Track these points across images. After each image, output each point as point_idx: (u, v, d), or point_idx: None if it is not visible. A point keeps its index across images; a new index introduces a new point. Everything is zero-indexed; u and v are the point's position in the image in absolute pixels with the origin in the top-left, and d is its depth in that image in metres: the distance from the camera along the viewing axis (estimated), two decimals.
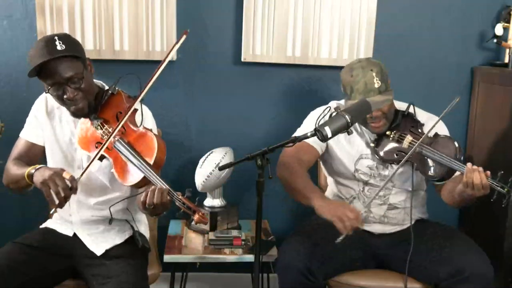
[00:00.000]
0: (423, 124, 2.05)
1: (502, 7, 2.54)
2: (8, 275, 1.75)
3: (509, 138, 2.33)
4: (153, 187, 1.62)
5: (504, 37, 2.50)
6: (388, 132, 2.04)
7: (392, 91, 1.98)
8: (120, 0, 2.38)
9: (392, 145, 2.04)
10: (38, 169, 1.72)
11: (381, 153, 2.05)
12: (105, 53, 2.41)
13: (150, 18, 2.41)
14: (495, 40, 2.49)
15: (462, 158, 1.95)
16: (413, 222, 2.06)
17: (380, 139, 2.07)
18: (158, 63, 2.39)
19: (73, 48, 1.75)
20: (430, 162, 1.98)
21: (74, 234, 1.97)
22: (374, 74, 1.92)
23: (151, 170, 1.64)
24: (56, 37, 1.73)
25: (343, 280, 2.01)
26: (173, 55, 2.42)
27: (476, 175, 1.79)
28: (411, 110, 2.08)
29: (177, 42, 1.73)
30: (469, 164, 1.83)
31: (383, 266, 2.09)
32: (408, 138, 2.02)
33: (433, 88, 2.54)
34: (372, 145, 2.08)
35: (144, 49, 2.43)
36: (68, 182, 1.64)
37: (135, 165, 1.67)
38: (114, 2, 2.38)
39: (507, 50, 2.49)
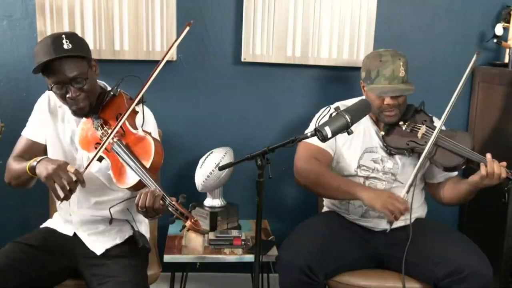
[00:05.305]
0: (433, 121, 2.12)
1: (502, 7, 2.54)
2: (8, 275, 1.75)
3: (509, 138, 2.33)
4: (146, 189, 1.62)
5: (504, 37, 2.50)
6: (401, 123, 2.11)
7: (413, 84, 2.07)
8: (120, 0, 2.38)
9: (404, 135, 2.09)
10: (39, 161, 1.72)
11: (392, 142, 2.09)
12: (105, 53, 2.41)
13: (150, 18, 2.41)
14: (495, 40, 2.49)
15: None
16: (412, 220, 2.07)
17: (391, 129, 2.12)
18: (158, 63, 2.42)
19: (80, 47, 1.76)
20: (447, 153, 2.02)
21: (74, 233, 1.97)
22: (401, 63, 2.03)
23: (147, 174, 1.65)
24: (63, 35, 1.73)
25: (343, 280, 2.01)
26: (172, 55, 2.44)
27: (497, 165, 1.89)
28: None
29: (180, 34, 1.72)
30: (488, 155, 1.92)
31: (383, 266, 2.10)
32: (422, 129, 2.07)
33: (433, 88, 2.54)
34: (382, 133, 2.11)
35: (144, 49, 2.43)
36: (73, 176, 1.65)
37: (131, 168, 1.67)
38: (114, 2, 2.38)
39: (507, 50, 2.49)
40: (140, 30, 2.42)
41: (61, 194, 1.65)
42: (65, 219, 1.99)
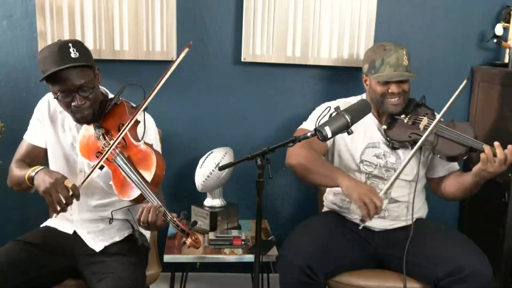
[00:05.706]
0: (435, 114, 2.12)
1: (502, 7, 2.54)
2: (8, 275, 1.75)
3: (509, 138, 2.33)
4: (149, 204, 1.63)
5: (504, 37, 2.50)
6: (402, 116, 2.11)
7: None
8: (120, 0, 2.38)
9: (406, 127, 2.10)
10: (37, 172, 1.73)
11: (394, 136, 2.10)
12: (105, 53, 2.41)
13: (150, 18, 2.41)
14: (495, 40, 2.49)
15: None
16: (414, 220, 2.07)
17: (392, 122, 2.13)
18: (158, 63, 2.43)
19: (86, 56, 1.76)
20: (449, 142, 2.02)
21: (74, 232, 1.97)
22: (404, 52, 2.08)
23: (148, 188, 1.65)
24: (70, 44, 1.73)
25: (343, 280, 2.01)
26: (173, 55, 2.44)
27: (500, 149, 1.87)
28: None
29: (178, 56, 1.72)
30: (496, 143, 1.90)
31: (383, 266, 2.10)
32: (424, 121, 2.08)
33: (433, 88, 2.53)
34: (384, 127, 2.11)
35: (144, 49, 2.43)
36: (70, 191, 1.65)
37: (133, 181, 1.68)
38: (114, 2, 2.38)
39: (507, 50, 2.49)
40: (140, 30, 2.41)
41: (58, 207, 1.66)
42: (66, 217, 2.00)
